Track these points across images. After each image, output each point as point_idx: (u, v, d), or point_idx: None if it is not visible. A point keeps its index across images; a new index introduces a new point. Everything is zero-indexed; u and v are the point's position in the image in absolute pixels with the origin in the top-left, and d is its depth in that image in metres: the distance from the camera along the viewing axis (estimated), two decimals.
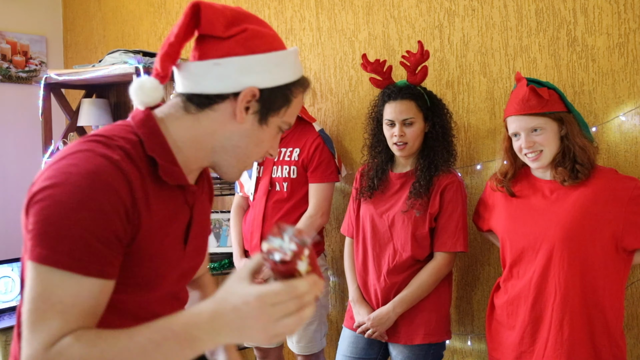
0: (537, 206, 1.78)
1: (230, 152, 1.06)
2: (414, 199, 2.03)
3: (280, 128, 1.08)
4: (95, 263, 0.90)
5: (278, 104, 1.04)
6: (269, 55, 1.03)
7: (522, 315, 1.77)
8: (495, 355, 1.88)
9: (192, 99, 1.03)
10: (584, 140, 1.73)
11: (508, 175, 1.88)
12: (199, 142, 1.04)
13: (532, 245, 1.75)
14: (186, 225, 1.09)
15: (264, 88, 1.02)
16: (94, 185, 0.90)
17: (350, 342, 2.15)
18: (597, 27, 2.00)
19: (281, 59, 1.05)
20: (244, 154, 1.06)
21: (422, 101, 2.05)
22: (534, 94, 1.71)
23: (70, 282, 0.89)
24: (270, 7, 2.96)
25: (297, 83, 1.07)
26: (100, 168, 0.91)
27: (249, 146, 1.06)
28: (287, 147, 2.45)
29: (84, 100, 3.58)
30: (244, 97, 1.01)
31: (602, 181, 1.71)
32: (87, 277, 0.89)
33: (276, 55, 1.05)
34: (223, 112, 1.02)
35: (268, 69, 1.03)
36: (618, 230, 1.66)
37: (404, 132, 2.03)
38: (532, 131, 1.72)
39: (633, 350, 2.00)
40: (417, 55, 2.03)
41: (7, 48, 3.91)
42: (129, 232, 0.94)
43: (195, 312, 0.87)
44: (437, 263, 2.03)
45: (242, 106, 1.01)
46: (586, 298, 1.68)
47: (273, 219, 2.41)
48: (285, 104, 1.05)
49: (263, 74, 1.02)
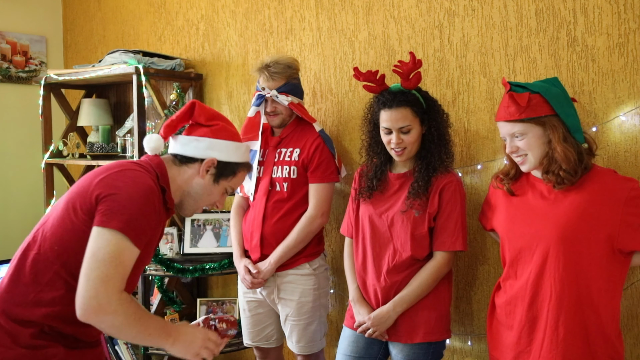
0: (535, 206, 1.78)
1: (193, 197, 1.66)
2: (412, 199, 2.03)
3: (226, 190, 1.70)
4: (142, 239, 1.44)
5: (227, 172, 1.67)
6: (228, 142, 1.66)
7: (520, 315, 1.77)
8: (495, 354, 1.88)
9: (178, 157, 1.65)
10: (565, 145, 1.69)
11: (510, 175, 1.89)
12: (177, 185, 1.63)
13: (529, 245, 1.76)
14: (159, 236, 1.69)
15: (220, 161, 1.64)
16: (151, 193, 1.48)
17: (350, 342, 2.16)
18: (597, 27, 2.00)
19: (235, 147, 1.68)
20: (200, 199, 1.67)
21: (418, 106, 2.05)
22: (512, 101, 1.71)
23: (129, 250, 1.40)
24: (270, 7, 2.96)
25: (242, 164, 1.71)
26: (151, 184, 1.50)
27: (203, 195, 1.67)
28: (288, 148, 2.45)
29: (84, 100, 3.58)
30: (206, 163, 1.63)
31: (599, 182, 1.70)
32: (136, 248, 1.42)
33: (232, 144, 1.68)
34: (194, 169, 1.64)
35: (226, 150, 1.65)
36: (614, 231, 1.66)
37: (402, 138, 2.03)
38: (514, 137, 1.74)
39: (633, 350, 2.00)
40: (409, 65, 2.02)
41: (7, 48, 3.91)
42: (155, 228, 1.54)
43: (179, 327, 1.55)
44: (437, 262, 2.03)
45: (204, 168, 1.63)
46: (581, 299, 1.68)
47: (273, 219, 2.41)
48: (231, 174, 1.68)
49: (222, 152, 1.65)
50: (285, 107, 2.41)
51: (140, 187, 1.45)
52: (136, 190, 1.44)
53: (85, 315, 1.36)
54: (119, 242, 1.38)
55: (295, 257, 2.41)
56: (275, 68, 2.37)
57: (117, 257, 1.37)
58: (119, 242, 1.38)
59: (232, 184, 1.70)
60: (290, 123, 2.49)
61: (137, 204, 1.42)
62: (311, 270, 2.42)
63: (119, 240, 1.38)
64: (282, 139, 2.48)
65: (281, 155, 2.45)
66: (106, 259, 1.36)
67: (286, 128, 2.49)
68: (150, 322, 1.45)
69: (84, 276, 1.36)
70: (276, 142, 2.48)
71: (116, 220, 1.39)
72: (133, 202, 1.42)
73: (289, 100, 2.39)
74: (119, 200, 1.41)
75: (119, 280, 1.37)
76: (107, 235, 1.38)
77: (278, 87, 2.39)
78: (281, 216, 2.40)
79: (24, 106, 3.93)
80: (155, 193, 1.48)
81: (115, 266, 1.37)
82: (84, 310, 1.35)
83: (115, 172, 1.49)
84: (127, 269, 1.40)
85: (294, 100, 2.41)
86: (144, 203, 1.43)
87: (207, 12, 3.27)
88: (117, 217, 1.39)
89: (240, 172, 1.70)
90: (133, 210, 1.41)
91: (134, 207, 1.41)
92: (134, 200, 1.42)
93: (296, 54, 2.84)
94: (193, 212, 1.70)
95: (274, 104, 2.42)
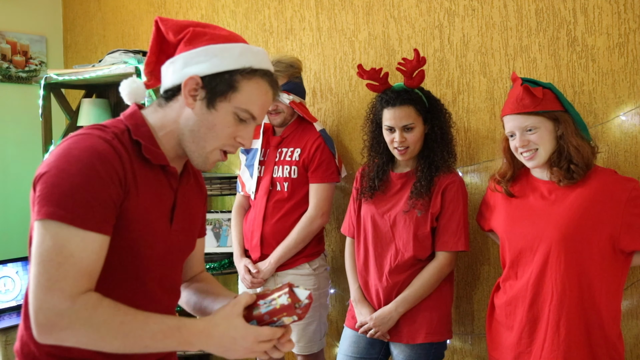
0: (536, 207, 1.78)
1: (189, 138, 1.20)
2: (415, 198, 2.03)
3: (238, 115, 1.19)
4: (94, 220, 1.06)
5: (221, 88, 1.17)
6: (207, 48, 1.18)
7: (520, 315, 1.77)
8: (495, 355, 1.88)
9: (162, 95, 1.24)
10: (579, 140, 1.72)
11: (507, 176, 1.88)
12: (169, 130, 1.22)
13: (530, 245, 1.75)
14: (171, 206, 1.25)
15: (205, 76, 1.17)
16: (91, 157, 1.08)
17: (351, 342, 2.16)
18: (597, 27, 2.00)
19: (220, 50, 1.19)
20: (201, 137, 1.20)
21: (421, 105, 2.05)
22: (528, 93, 1.71)
23: (77, 237, 1.04)
24: (270, 7, 2.96)
25: (243, 71, 1.18)
26: (96, 144, 1.10)
27: (201, 129, 1.19)
28: (288, 148, 2.45)
29: (84, 100, 3.58)
30: (185, 84, 1.17)
31: (600, 182, 1.70)
32: (88, 232, 1.05)
33: (215, 47, 1.19)
34: (181, 102, 1.20)
35: (207, 59, 1.18)
36: (615, 231, 1.66)
37: (405, 137, 2.02)
38: (526, 130, 1.73)
39: (633, 350, 2.00)
40: (413, 62, 2.02)
41: (7, 48, 3.91)
42: (121, 196, 1.11)
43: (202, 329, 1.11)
44: (439, 262, 2.03)
45: (187, 92, 1.18)
46: (583, 299, 1.68)
47: (273, 219, 2.41)
48: (229, 89, 1.17)
49: (202, 64, 1.17)
50: (286, 105, 2.42)
51: (74, 153, 1.08)
52: (68, 160, 1.07)
53: (39, 336, 1.04)
54: (57, 233, 1.03)
55: (295, 257, 2.41)
56: (277, 67, 2.38)
57: (58, 252, 1.03)
58: (57, 233, 1.03)
59: (240, 102, 1.19)
60: (291, 123, 2.49)
61: (69, 176, 1.05)
62: (311, 270, 2.43)
63: (55, 230, 1.03)
64: (283, 139, 2.48)
65: (282, 155, 2.45)
66: (44, 259, 1.03)
67: (287, 128, 2.49)
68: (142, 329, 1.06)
69: (29, 288, 1.05)
70: (277, 141, 2.49)
71: (46, 205, 1.04)
72: (64, 175, 1.05)
73: (290, 99, 2.40)
74: (48, 179, 1.06)
75: (69, 282, 1.02)
76: (41, 229, 1.04)
77: (280, 85, 2.40)
78: (281, 216, 2.41)
79: (24, 106, 3.93)
80: (100, 153, 1.08)
81: (58, 265, 1.02)
82: (35, 330, 1.04)
83: (52, 151, 1.13)
84: (82, 262, 1.04)
85: (296, 99, 2.42)
86: (79, 171, 1.06)
87: (207, 12, 3.27)
88: (47, 201, 1.04)
89: (245, 82, 1.19)
90: (65, 186, 1.04)
91: (66, 182, 1.05)
92: (65, 172, 1.06)
93: (296, 54, 2.84)
94: (203, 160, 1.23)
95: (276, 102, 2.42)
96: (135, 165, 1.15)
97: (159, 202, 1.21)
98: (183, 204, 1.28)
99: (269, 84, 1.23)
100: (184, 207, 1.29)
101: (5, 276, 3.38)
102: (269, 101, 1.24)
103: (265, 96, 1.22)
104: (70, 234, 1.04)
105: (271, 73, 1.24)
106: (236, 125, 1.20)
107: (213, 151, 1.21)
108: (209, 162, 1.22)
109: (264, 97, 1.22)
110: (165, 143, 1.22)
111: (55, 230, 1.03)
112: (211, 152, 1.21)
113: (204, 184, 1.43)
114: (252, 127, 1.23)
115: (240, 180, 2.60)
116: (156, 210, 1.20)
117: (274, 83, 1.25)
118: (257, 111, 1.21)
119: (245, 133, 1.22)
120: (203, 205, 1.42)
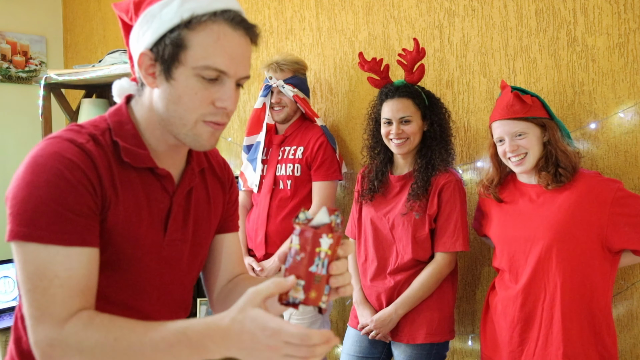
0: (525, 210, 1.83)
1: (167, 120, 1.03)
2: (412, 200, 2.03)
3: (202, 76, 0.99)
4: (74, 233, 0.93)
5: (169, 53, 0.98)
6: (145, 12, 1.01)
7: (512, 315, 1.80)
8: (487, 353, 1.91)
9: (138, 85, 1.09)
10: (565, 145, 1.79)
11: (494, 182, 1.93)
12: (150, 120, 1.06)
13: (522, 248, 1.79)
14: (165, 214, 1.09)
15: (152, 47, 1.00)
16: (58, 164, 0.94)
17: (354, 341, 2.17)
18: (597, 27, 2.00)
19: (159, 8, 0.99)
20: (175, 116, 1.02)
21: (420, 100, 2.06)
22: (518, 100, 1.77)
23: (59, 255, 0.92)
24: (270, 7, 2.96)
25: (186, 23, 0.97)
26: (63, 149, 0.96)
27: (170, 107, 1.02)
28: (291, 146, 2.47)
29: (84, 100, 3.58)
30: (140, 65, 1.02)
31: (586, 184, 1.75)
32: (71, 248, 0.93)
33: (152, 7, 1.00)
34: (146, 85, 1.05)
35: (148, 26, 1.00)
36: (603, 231, 1.71)
37: (402, 129, 2.03)
38: (516, 135, 1.79)
39: (633, 350, 2.00)
40: (413, 53, 2.04)
41: (7, 48, 3.91)
42: (99, 204, 0.98)
43: (211, 326, 0.89)
44: (438, 264, 2.04)
45: (144, 73, 1.02)
46: (574, 298, 1.71)
47: (277, 217, 2.42)
48: (177, 49, 0.98)
49: (144, 36, 1.01)
50: (290, 100, 2.44)
51: (39, 161, 0.95)
52: (33, 170, 0.94)
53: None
54: (37, 256, 0.91)
55: None
56: (284, 61, 2.44)
57: (41, 277, 0.91)
58: (37, 256, 0.91)
59: (196, 60, 0.98)
60: (294, 122, 2.51)
61: (36, 189, 0.92)
62: None
63: (34, 253, 0.91)
64: (285, 137, 2.49)
65: (285, 153, 2.46)
66: (29, 288, 0.92)
67: (290, 126, 2.50)
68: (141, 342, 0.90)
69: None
70: (280, 140, 2.50)
71: (18, 225, 0.92)
72: (30, 188, 0.92)
73: (295, 92, 2.42)
74: (16, 193, 0.94)
75: (57, 307, 0.91)
76: (19, 253, 0.93)
77: (285, 78, 2.43)
78: (285, 214, 2.41)
79: (24, 106, 3.93)
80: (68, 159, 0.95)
81: (44, 291, 0.91)
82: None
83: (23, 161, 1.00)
84: (71, 281, 0.92)
85: (300, 94, 2.44)
86: (47, 181, 0.93)
87: None
88: (19, 220, 0.92)
89: (193, 35, 0.98)
90: (34, 201, 0.92)
91: (34, 196, 0.92)
92: (31, 184, 0.93)
93: (296, 54, 2.84)
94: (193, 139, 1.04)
95: (280, 95, 2.45)
96: (115, 170, 1.01)
97: (148, 210, 1.05)
98: (184, 209, 1.12)
99: (228, 25, 0.99)
100: (187, 212, 1.12)
101: (5, 276, 3.38)
102: (236, 45, 1.00)
103: (227, 40, 0.99)
104: (51, 254, 0.91)
105: (228, 10, 1.00)
106: (207, 89, 1.00)
107: (196, 125, 1.02)
108: (201, 139, 1.04)
109: (226, 42, 0.99)
110: (151, 136, 1.06)
111: (34, 253, 0.91)
112: (195, 127, 1.02)
113: (224, 172, 1.24)
114: (229, 85, 1.01)
115: (242, 176, 2.60)
116: (144, 220, 1.04)
117: (238, 21, 1.00)
118: (223, 63, 0.99)
119: (223, 94, 1.01)
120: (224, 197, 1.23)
